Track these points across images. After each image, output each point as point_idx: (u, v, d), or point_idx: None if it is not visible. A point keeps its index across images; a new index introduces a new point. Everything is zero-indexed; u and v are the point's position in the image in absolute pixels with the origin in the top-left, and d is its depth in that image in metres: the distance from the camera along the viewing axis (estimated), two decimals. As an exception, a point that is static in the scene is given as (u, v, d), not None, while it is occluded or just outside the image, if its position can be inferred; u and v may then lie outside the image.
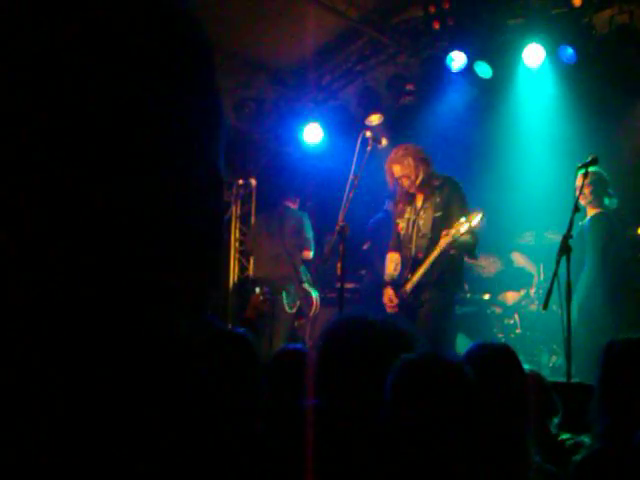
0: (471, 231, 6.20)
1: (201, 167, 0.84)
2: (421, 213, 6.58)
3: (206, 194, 0.84)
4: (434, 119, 8.62)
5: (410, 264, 6.54)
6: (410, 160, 6.52)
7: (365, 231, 8.56)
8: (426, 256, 6.36)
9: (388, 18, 8.83)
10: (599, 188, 6.73)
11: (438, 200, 6.49)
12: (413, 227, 6.59)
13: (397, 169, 6.56)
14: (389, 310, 6.57)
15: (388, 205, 8.26)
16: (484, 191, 7.97)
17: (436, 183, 6.55)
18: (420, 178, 6.53)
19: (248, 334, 2.88)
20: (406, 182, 6.55)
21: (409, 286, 6.45)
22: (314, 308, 8.52)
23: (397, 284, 6.60)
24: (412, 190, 6.59)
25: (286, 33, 8.56)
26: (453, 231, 6.18)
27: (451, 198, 6.49)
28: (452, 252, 6.30)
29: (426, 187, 6.56)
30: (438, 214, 6.45)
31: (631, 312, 6.74)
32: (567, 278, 5.27)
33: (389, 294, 6.61)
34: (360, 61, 9.45)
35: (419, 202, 6.63)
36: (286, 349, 3.56)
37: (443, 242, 6.22)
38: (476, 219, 6.15)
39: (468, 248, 6.47)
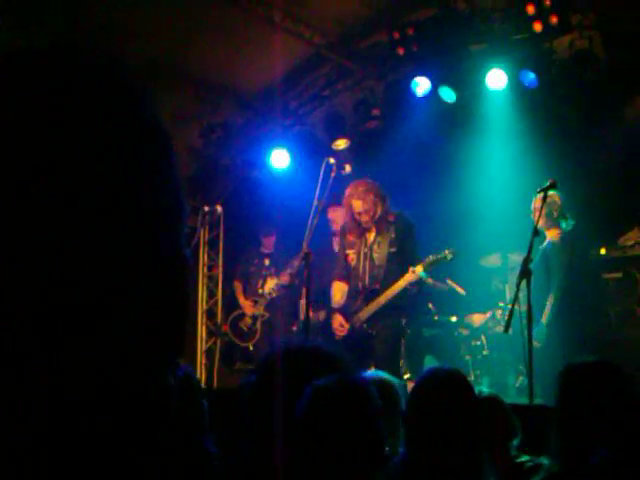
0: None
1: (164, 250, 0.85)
2: (375, 247, 6.76)
3: (169, 277, 0.85)
4: (399, 143, 8.69)
5: (364, 294, 6.67)
6: (372, 196, 6.71)
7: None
8: (384, 287, 6.51)
9: (353, 44, 8.92)
10: (554, 211, 6.83)
11: (393, 236, 6.70)
12: (365, 259, 6.72)
13: (358, 204, 6.72)
14: (340, 335, 6.69)
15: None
16: (449, 213, 8.06)
17: (391, 219, 6.76)
18: (378, 214, 6.72)
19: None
20: (365, 217, 6.70)
21: (364, 315, 6.59)
22: None
23: (347, 312, 6.72)
24: (368, 225, 6.73)
25: (253, 59, 8.62)
26: (420, 268, 6.35)
27: (404, 234, 6.71)
28: (414, 289, 6.50)
29: (381, 223, 6.75)
30: (393, 249, 6.67)
31: (596, 332, 6.83)
32: (528, 301, 5.33)
33: (339, 320, 6.77)
34: (326, 86, 9.52)
35: (371, 236, 6.81)
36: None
37: (409, 277, 6.39)
38: (448, 256, 6.36)
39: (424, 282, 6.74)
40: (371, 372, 3.92)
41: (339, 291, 6.96)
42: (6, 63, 0.81)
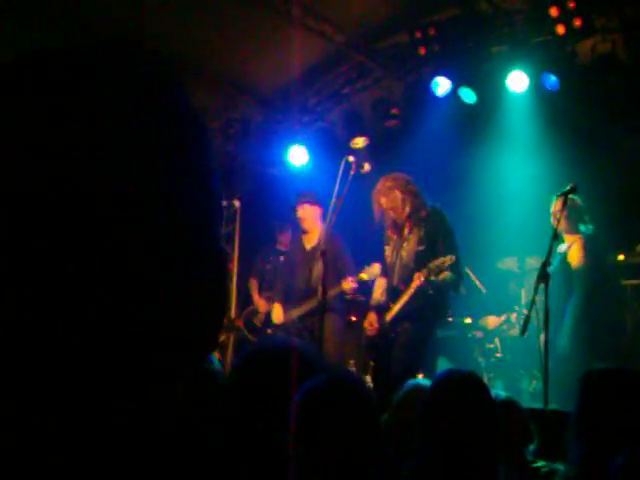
0: (452, 268, 6.24)
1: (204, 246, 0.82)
2: (404, 244, 6.61)
3: (210, 276, 0.82)
4: (418, 143, 8.66)
5: (393, 293, 6.57)
6: (397, 193, 6.55)
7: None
8: (406, 289, 6.39)
9: (374, 43, 8.91)
10: (574, 215, 6.78)
11: (422, 233, 6.51)
12: (397, 257, 6.62)
13: (383, 201, 6.60)
14: (368, 334, 6.61)
15: None
16: (466, 215, 8.01)
17: (423, 214, 6.57)
18: (407, 211, 6.56)
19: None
20: (393, 214, 6.57)
21: (389, 316, 6.49)
22: None
23: (381, 309, 6.63)
24: (400, 221, 6.60)
25: (273, 55, 8.61)
26: (423, 276, 6.19)
27: (436, 232, 6.50)
28: (430, 292, 6.33)
29: (413, 219, 6.58)
30: (421, 248, 6.47)
31: (613, 339, 6.79)
32: (545, 305, 5.29)
33: (371, 319, 6.64)
34: (346, 84, 9.51)
35: (405, 232, 6.64)
36: None
37: (414, 284, 6.24)
38: (447, 262, 6.17)
39: (450, 285, 6.50)
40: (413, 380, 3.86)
41: (379, 287, 6.86)
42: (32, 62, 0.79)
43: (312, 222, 7.93)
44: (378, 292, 6.82)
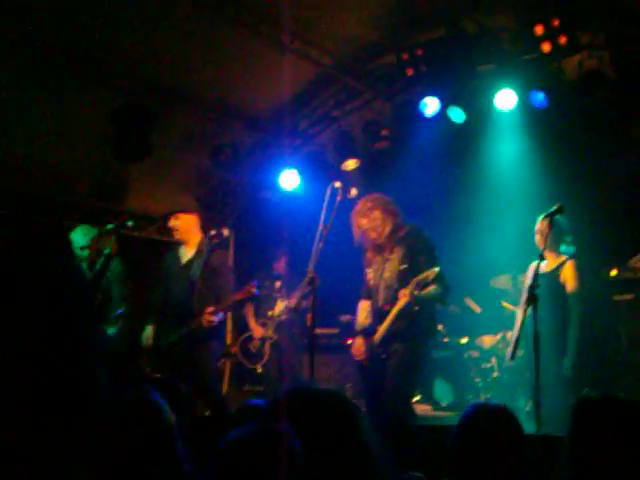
0: (437, 281, 6.18)
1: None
2: (387, 265, 6.53)
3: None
4: (409, 163, 8.67)
5: (378, 315, 6.50)
6: (377, 213, 6.49)
7: (338, 280, 8.34)
8: (391, 308, 6.31)
9: (362, 64, 8.92)
10: (556, 235, 6.70)
11: (403, 252, 6.44)
12: (381, 279, 6.55)
13: (364, 222, 6.52)
14: (357, 359, 6.53)
15: None
16: (458, 234, 8.01)
17: (402, 234, 6.50)
18: (387, 231, 6.49)
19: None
20: (373, 235, 6.50)
21: (377, 337, 6.41)
22: None
23: (368, 333, 6.56)
24: (379, 242, 6.55)
25: (262, 80, 8.63)
26: (408, 291, 6.12)
27: (416, 249, 6.43)
28: (416, 308, 6.25)
29: (393, 238, 6.52)
30: (404, 267, 6.39)
31: (608, 356, 6.76)
32: (534, 327, 5.24)
33: (358, 343, 6.56)
34: (336, 107, 9.53)
35: (386, 253, 6.57)
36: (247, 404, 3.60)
37: (402, 302, 6.18)
38: (430, 275, 6.11)
39: (436, 298, 6.43)
40: None
41: (363, 311, 6.72)
42: None
43: (188, 232, 7.47)
44: (362, 315, 6.70)
